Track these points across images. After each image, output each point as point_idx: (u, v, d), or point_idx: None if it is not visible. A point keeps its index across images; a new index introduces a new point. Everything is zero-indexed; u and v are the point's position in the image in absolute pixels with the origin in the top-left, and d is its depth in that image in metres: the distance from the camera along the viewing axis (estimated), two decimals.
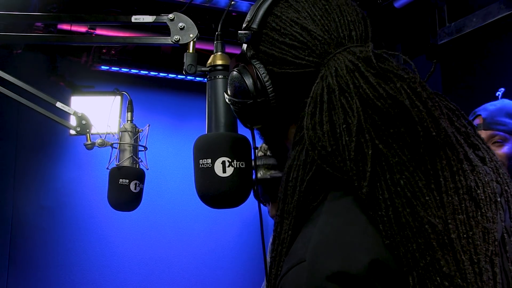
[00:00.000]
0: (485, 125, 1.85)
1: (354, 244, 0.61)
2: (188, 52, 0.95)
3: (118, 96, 2.14)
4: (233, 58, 0.81)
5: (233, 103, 0.79)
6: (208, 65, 0.91)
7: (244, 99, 0.77)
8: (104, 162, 1.64)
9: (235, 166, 0.84)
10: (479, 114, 1.89)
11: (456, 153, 0.67)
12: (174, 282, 3.39)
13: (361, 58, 0.68)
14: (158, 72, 3.31)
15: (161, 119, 3.49)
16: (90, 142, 1.53)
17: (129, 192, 1.54)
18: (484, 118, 1.86)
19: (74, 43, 1.11)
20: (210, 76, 0.91)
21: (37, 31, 2.70)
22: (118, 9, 2.77)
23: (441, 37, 2.69)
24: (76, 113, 1.51)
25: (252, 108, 0.77)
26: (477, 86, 2.80)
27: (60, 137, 3.11)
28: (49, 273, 3.07)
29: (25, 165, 3.10)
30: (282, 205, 0.70)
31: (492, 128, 1.84)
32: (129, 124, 1.63)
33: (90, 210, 3.19)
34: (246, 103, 0.77)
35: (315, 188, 0.67)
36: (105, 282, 3.22)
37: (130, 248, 3.30)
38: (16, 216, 3.04)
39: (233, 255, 3.52)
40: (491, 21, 2.39)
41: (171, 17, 0.96)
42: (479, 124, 1.86)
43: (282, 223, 0.70)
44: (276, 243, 0.71)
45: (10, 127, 3.07)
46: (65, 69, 3.15)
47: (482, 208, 0.66)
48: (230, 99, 0.80)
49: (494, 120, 1.85)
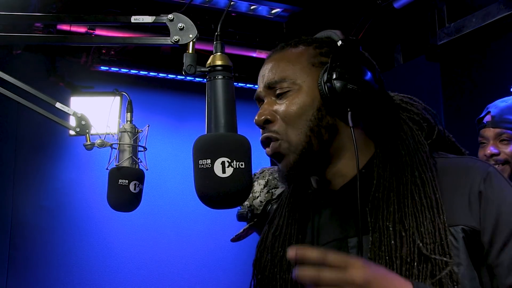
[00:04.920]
0: (493, 122, 1.85)
1: None
2: (188, 52, 0.95)
3: (117, 97, 2.14)
4: None
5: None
6: (208, 65, 0.91)
7: None
8: (104, 163, 1.64)
9: (235, 166, 0.84)
10: (489, 110, 1.89)
11: None
12: (173, 282, 3.39)
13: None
14: (158, 72, 3.31)
15: (161, 120, 3.49)
16: (89, 142, 1.53)
17: (129, 192, 1.54)
18: (493, 115, 1.86)
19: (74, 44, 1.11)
20: (209, 77, 0.90)
21: (36, 31, 2.70)
22: (117, 9, 2.78)
23: (441, 38, 2.69)
24: (76, 114, 1.51)
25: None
26: (476, 86, 2.80)
27: (60, 137, 3.11)
28: (49, 273, 3.07)
29: (25, 165, 3.10)
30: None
31: (499, 126, 1.84)
32: (129, 125, 1.63)
33: (89, 210, 3.19)
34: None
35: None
36: (104, 282, 3.21)
37: (130, 248, 3.29)
38: (15, 216, 3.04)
39: (232, 255, 3.52)
40: (491, 22, 2.39)
41: (170, 18, 0.96)
42: (488, 121, 1.86)
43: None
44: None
45: (9, 127, 3.07)
46: (65, 70, 3.15)
47: None
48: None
49: (503, 118, 1.85)
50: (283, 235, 1.09)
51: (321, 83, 0.99)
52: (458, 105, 2.87)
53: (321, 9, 2.98)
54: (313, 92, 1.01)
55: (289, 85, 1.02)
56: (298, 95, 1.01)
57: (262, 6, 2.90)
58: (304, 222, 1.08)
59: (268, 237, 1.13)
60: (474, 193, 0.93)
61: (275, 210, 1.18)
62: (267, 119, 1.02)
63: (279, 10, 2.95)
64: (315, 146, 0.99)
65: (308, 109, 1.00)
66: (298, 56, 1.05)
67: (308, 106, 1.00)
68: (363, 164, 1.02)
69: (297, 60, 1.04)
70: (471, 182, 0.94)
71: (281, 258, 1.07)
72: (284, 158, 1.01)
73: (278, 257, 1.08)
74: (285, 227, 1.10)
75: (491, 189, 0.93)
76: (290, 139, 1.00)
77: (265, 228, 1.17)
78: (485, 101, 1.97)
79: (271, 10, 2.96)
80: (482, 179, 0.94)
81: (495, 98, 1.97)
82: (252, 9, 2.91)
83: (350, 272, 0.77)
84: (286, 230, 1.09)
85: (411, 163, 0.97)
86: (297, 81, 1.02)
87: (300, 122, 1.00)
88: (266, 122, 1.03)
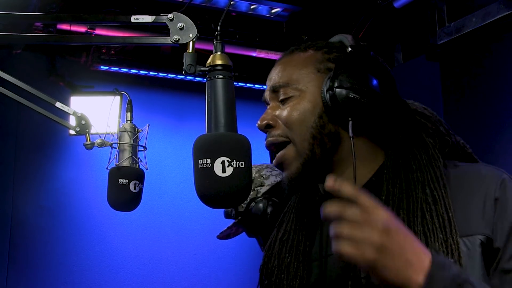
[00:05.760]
0: None
1: None
2: (188, 52, 0.94)
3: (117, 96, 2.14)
4: None
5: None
6: (208, 65, 0.91)
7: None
8: (104, 162, 1.64)
9: (235, 166, 0.84)
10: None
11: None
12: (173, 282, 3.39)
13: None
14: (158, 72, 3.31)
15: (161, 119, 3.49)
16: (89, 142, 1.53)
17: (129, 192, 1.54)
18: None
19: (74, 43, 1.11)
20: (209, 76, 0.90)
21: (36, 31, 2.70)
22: (117, 9, 2.77)
23: (441, 37, 2.69)
24: (76, 113, 1.51)
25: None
26: (476, 86, 2.80)
27: (60, 137, 3.11)
28: (49, 273, 3.07)
29: (25, 165, 3.10)
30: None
31: None
32: (129, 124, 1.63)
33: (89, 210, 3.19)
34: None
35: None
36: (104, 281, 3.21)
37: (130, 248, 3.29)
38: (15, 216, 3.04)
39: (232, 255, 3.52)
40: (491, 21, 2.39)
41: (170, 17, 0.96)
42: None
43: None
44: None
45: (9, 127, 3.07)
46: (65, 69, 3.15)
47: None
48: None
49: None
50: (290, 241, 1.08)
51: (323, 90, 0.98)
52: (458, 105, 2.87)
53: (321, 9, 2.98)
54: (315, 99, 1.00)
55: (292, 90, 1.01)
56: (300, 101, 1.00)
57: (262, 5, 2.90)
58: (312, 229, 1.07)
59: (276, 242, 1.12)
60: (490, 200, 0.92)
61: (283, 214, 1.16)
62: (268, 124, 1.03)
63: (279, 9, 2.95)
64: (318, 154, 0.98)
65: (309, 115, 0.99)
66: (305, 61, 1.03)
67: (309, 112, 0.99)
68: (373, 171, 1.01)
69: (304, 65, 1.03)
70: (486, 190, 0.93)
71: (289, 264, 1.05)
72: (288, 167, 1.01)
73: (285, 263, 1.06)
74: (293, 233, 1.09)
75: (505, 195, 0.92)
76: (295, 143, 1.00)
77: (274, 233, 1.16)
78: (485, 101, 1.97)
79: (271, 9, 2.96)
80: (498, 186, 0.93)
81: (495, 98, 1.97)
82: (252, 9, 2.91)
83: (374, 215, 0.76)
84: (294, 236, 1.08)
85: (422, 179, 0.95)
86: (300, 87, 1.01)
87: (301, 129, 0.99)
88: (268, 127, 1.03)
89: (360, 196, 0.77)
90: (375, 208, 0.77)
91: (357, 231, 0.76)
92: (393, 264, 0.76)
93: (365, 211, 0.76)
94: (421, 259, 0.77)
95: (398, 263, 0.76)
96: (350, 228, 0.76)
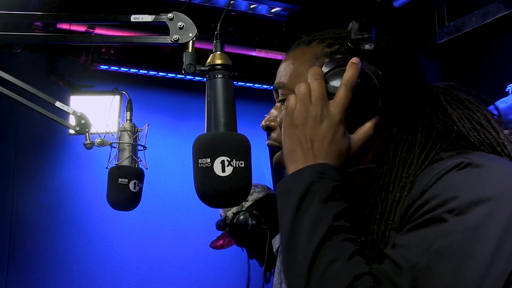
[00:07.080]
0: None
1: None
2: (187, 51, 0.95)
3: (117, 96, 2.14)
4: None
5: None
6: (207, 64, 0.91)
7: None
8: (103, 162, 1.64)
9: (234, 165, 0.84)
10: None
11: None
12: (173, 281, 3.39)
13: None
14: (157, 71, 3.30)
15: (160, 119, 3.49)
16: (89, 141, 1.53)
17: (128, 191, 1.54)
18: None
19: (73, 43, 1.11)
20: (209, 76, 0.91)
21: (36, 30, 2.70)
22: (117, 8, 2.77)
23: (441, 37, 2.69)
24: (75, 113, 1.51)
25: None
26: (476, 85, 2.80)
27: (59, 136, 3.11)
28: (49, 272, 3.07)
29: (24, 164, 3.10)
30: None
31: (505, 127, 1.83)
32: (128, 124, 1.63)
33: (89, 209, 3.19)
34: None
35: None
36: (104, 281, 3.21)
37: (130, 247, 3.29)
38: (15, 216, 3.04)
39: (232, 254, 3.51)
40: (491, 21, 2.39)
41: (170, 17, 0.96)
42: None
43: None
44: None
45: (9, 126, 3.07)
46: (64, 69, 3.15)
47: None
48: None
49: (507, 119, 1.84)
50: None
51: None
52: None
53: (321, 8, 2.98)
54: None
55: (287, 91, 0.98)
56: None
57: (261, 5, 2.90)
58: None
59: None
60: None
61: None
62: (267, 126, 1.03)
63: (279, 9, 2.95)
64: None
65: None
66: (303, 57, 0.99)
67: None
68: (368, 161, 0.94)
69: (301, 62, 0.99)
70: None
71: None
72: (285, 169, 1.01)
73: None
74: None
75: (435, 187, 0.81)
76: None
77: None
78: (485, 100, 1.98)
79: (271, 9, 2.96)
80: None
81: (495, 97, 1.98)
82: (251, 8, 2.91)
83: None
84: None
85: (387, 185, 0.87)
86: (292, 87, 0.95)
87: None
88: (268, 129, 1.03)
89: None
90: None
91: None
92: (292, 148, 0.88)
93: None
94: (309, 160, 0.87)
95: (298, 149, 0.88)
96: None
